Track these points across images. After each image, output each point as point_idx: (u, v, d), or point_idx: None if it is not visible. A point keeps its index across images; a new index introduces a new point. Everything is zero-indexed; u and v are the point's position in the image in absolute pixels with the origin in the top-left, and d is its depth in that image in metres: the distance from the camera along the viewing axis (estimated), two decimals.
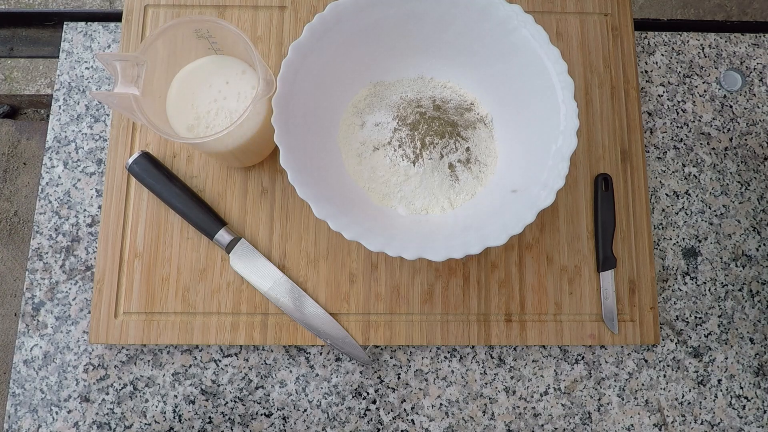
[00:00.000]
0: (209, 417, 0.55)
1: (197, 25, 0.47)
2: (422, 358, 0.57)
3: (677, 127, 0.63)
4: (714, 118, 0.63)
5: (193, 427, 0.55)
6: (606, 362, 0.57)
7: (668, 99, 0.63)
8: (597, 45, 0.62)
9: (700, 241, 0.60)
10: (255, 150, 0.55)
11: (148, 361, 0.56)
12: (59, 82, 0.62)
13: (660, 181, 0.61)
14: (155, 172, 0.55)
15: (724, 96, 0.64)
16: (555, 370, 0.57)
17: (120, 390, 0.55)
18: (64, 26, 0.64)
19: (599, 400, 0.56)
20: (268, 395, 0.55)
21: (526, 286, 0.57)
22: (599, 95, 0.61)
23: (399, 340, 0.55)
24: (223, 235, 0.55)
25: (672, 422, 0.56)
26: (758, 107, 0.63)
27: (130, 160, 0.55)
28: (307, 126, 0.51)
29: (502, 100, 0.56)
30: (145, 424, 0.55)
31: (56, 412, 0.55)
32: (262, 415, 0.55)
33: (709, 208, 0.61)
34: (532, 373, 0.57)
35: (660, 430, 0.56)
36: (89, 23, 0.64)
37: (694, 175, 0.62)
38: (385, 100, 0.56)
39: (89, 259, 0.58)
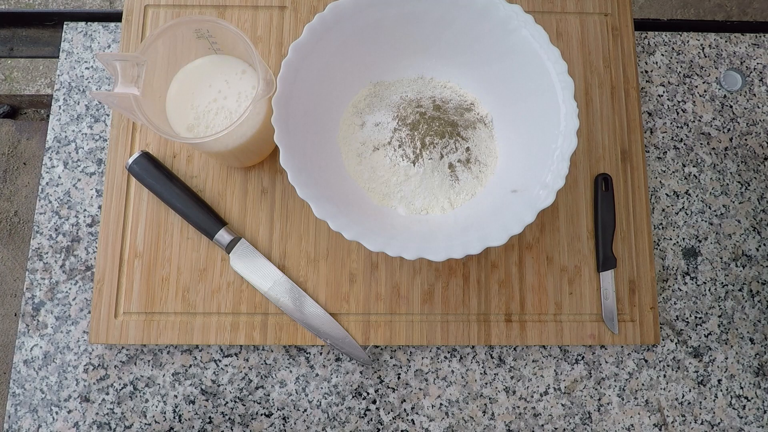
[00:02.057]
0: (209, 417, 0.55)
1: (197, 25, 0.47)
2: (422, 358, 0.57)
3: (677, 127, 0.63)
4: (714, 118, 0.63)
5: (193, 427, 0.55)
6: (606, 362, 0.57)
7: (668, 99, 0.63)
8: (597, 45, 0.62)
9: (700, 241, 0.60)
10: (255, 150, 0.55)
11: (148, 361, 0.56)
12: (59, 82, 0.62)
13: (660, 181, 0.61)
14: (155, 172, 0.55)
15: (724, 96, 0.64)
16: (555, 370, 0.57)
17: (120, 390, 0.55)
18: (64, 26, 0.64)
19: (599, 400, 0.56)
20: (268, 395, 0.55)
21: (526, 286, 0.57)
22: (599, 95, 0.61)
23: (399, 340, 0.55)
24: (223, 235, 0.55)
25: (672, 422, 0.56)
26: (758, 107, 0.63)
27: (130, 160, 0.55)
28: (307, 126, 0.51)
29: (502, 100, 0.56)
30: (145, 424, 0.55)
31: (56, 412, 0.55)
32: (262, 415, 0.55)
33: (709, 208, 0.61)
34: (532, 373, 0.57)
35: (660, 430, 0.56)
36: (89, 23, 0.64)
37: (694, 175, 0.62)
38: (385, 100, 0.56)
39: (89, 259, 0.58)
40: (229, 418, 0.55)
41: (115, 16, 0.64)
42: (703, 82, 0.64)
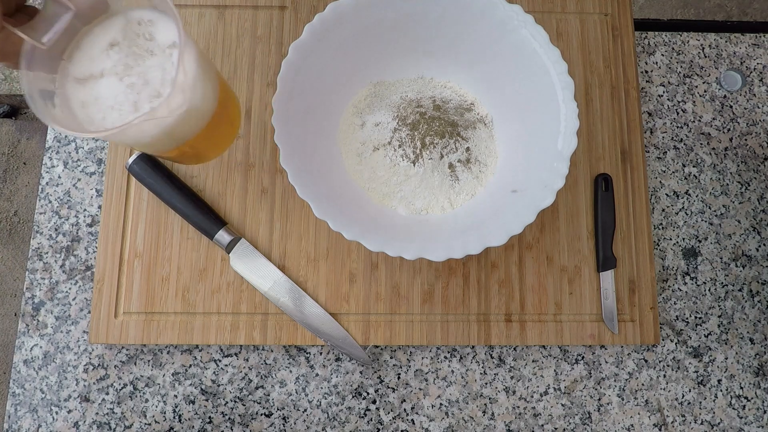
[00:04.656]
0: (209, 417, 0.55)
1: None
2: (422, 358, 0.57)
3: (677, 127, 0.63)
4: (714, 118, 0.63)
5: (193, 427, 0.55)
6: (606, 362, 0.57)
7: (668, 99, 0.63)
8: (597, 45, 0.62)
9: (700, 241, 0.60)
10: (203, 144, 0.47)
11: (148, 361, 0.56)
12: None
13: (660, 181, 0.61)
14: (155, 172, 0.55)
15: (724, 96, 0.64)
16: (555, 370, 0.57)
17: (120, 390, 0.55)
18: None
19: (599, 400, 0.56)
20: (268, 395, 0.55)
21: (526, 286, 0.57)
22: (599, 95, 0.61)
23: (399, 340, 0.55)
24: (223, 235, 0.55)
25: (672, 422, 0.56)
26: (758, 107, 0.63)
27: (130, 160, 0.55)
28: (307, 126, 0.51)
29: (502, 100, 0.56)
30: (145, 424, 0.55)
31: (56, 412, 0.55)
32: (262, 415, 0.55)
33: (709, 208, 0.61)
34: (532, 373, 0.57)
35: (660, 430, 0.56)
36: None
37: (694, 175, 0.62)
38: (385, 100, 0.56)
39: (89, 259, 0.58)
40: (229, 418, 0.55)
41: None
42: (703, 82, 0.64)
